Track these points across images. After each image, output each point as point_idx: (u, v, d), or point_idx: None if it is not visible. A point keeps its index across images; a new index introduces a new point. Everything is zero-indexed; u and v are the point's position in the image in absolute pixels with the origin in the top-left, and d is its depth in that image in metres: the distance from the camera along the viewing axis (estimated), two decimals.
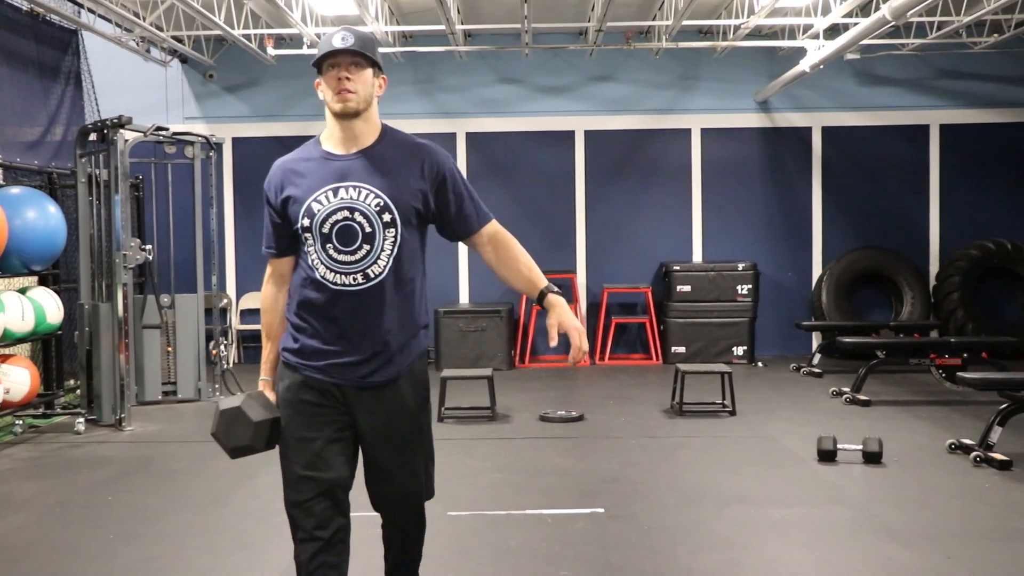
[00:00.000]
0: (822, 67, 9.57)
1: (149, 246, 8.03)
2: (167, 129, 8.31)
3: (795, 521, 4.91)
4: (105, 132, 7.64)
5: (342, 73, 2.81)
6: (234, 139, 11.08)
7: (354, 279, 2.83)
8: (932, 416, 7.55)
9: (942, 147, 11.24)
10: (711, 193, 11.26)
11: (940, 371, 8.66)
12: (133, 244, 7.66)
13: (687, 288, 10.68)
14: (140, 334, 8.26)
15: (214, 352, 8.69)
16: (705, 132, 11.26)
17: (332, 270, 2.83)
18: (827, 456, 6.08)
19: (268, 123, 11.07)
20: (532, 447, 6.70)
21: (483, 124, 11.25)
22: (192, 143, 8.54)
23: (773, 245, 11.25)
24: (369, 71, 2.86)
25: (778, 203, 11.30)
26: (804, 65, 9.57)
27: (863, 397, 8.11)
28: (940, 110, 11.24)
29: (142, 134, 7.86)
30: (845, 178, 11.25)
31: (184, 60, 11.01)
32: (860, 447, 6.09)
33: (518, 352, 10.66)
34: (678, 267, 10.77)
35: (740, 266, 10.71)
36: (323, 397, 2.88)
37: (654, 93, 11.27)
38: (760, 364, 10.54)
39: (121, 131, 7.56)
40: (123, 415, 7.44)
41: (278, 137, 10.57)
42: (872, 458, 6.02)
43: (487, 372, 7.96)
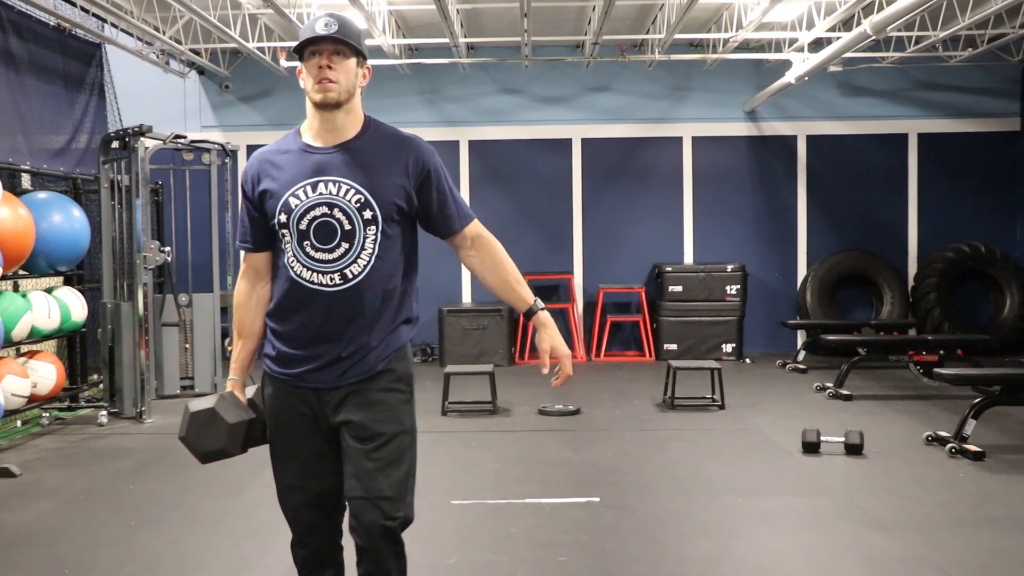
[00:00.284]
0: (807, 79, 9.59)
1: (168, 248, 8.04)
2: (185, 137, 8.31)
3: (781, 510, 4.92)
4: (127, 140, 7.65)
5: (323, 61, 2.55)
6: (248, 146, 11.06)
7: (331, 279, 2.57)
8: (910, 410, 7.55)
9: (920, 155, 11.24)
10: (701, 198, 11.27)
11: (918, 367, 8.67)
12: (153, 246, 7.66)
13: (679, 288, 10.69)
14: (159, 331, 8.27)
15: (229, 348, 8.67)
16: (696, 140, 11.27)
17: (309, 268, 2.57)
18: (811, 448, 6.09)
19: (281, 131, 10.84)
20: (531, 439, 6.71)
21: (485, 132, 11.25)
22: (209, 150, 8.54)
23: (760, 247, 11.26)
24: (353, 60, 2.59)
25: (765, 208, 11.30)
26: (789, 77, 9.58)
27: (845, 392, 8.12)
28: (918, 120, 11.25)
29: (161, 142, 7.87)
30: (828, 184, 11.26)
31: (201, 72, 11.01)
32: (842, 439, 6.10)
33: (518, 349, 10.66)
34: (670, 268, 10.78)
35: (729, 267, 10.72)
36: (306, 405, 2.64)
37: (647, 103, 11.28)
38: (748, 360, 10.54)
39: (142, 139, 7.57)
40: (143, 408, 7.45)
41: None
42: (854, 450, 6.03)
43: (488, 368, 7.96)
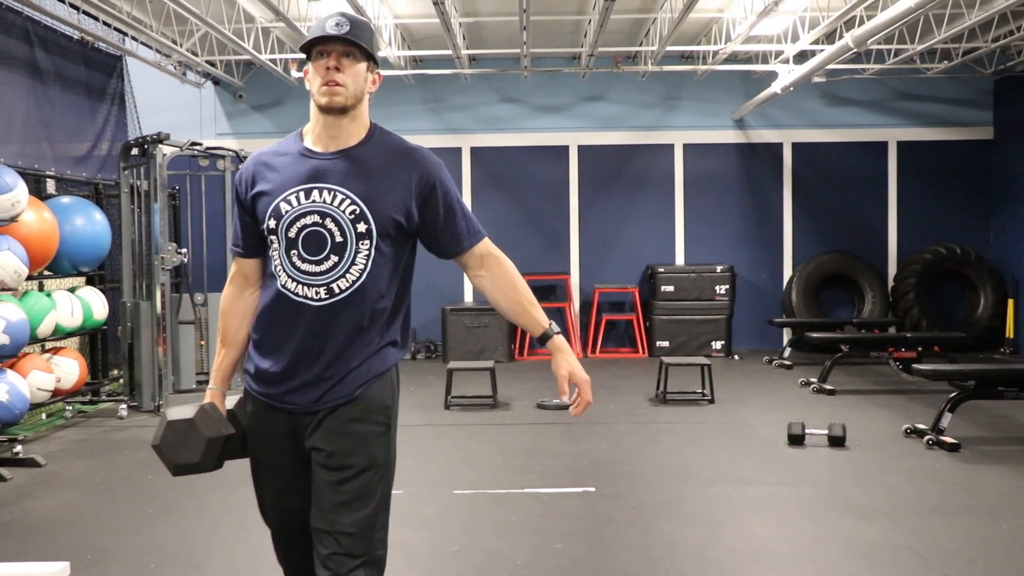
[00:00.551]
0: (792, 89, 9.59)
1: (184, 249, 8.03)
2: (201, 144, 8.30)
3: (767, 499, 4.92)
4: (145, 147, 7.65)
5: (331, 63, 2.28)
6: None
7: (316, 293, 2.29)
8: (890, 404, 7.56)
9: (899, 161, 11.24)
10: (692, 202, 11.26)
11: (897, 363, 8.68)
12: (170, 248, 7.66)
13: (670, 288, 10.68)
14: (176, 329, 8.26)
15: None
16: (687, 147, 11.26)
17: (294, 280, 2.31)
18: (796, 440, 6.09)
19: None
20: (530, 432, 6.71)
21: (486, 140, 11.24)
22: (223, 157, 8.54)
23: (748, 249, 11.25)
24: (363, 65, 2.32)
25: (753, 211, 11.30)
26: (776, 87, 9.58)
27: (829, 387, 8.12)
28: (897, 128, 11.24)
29: (179, 149, 7.87)
30: (813, 189, 11.25)
31: (216, 82, 11.01)
32: (826, 432, 6.10)
33: (517, 346, 10.65)
34: (662, 269, 10.76)
35: (718, 268, 10.71)
36: (284, 427, 2.38)
37: (641, 112, 11.27)
38: (736, 357, 10.54)
39: (160, 146, 7.57)
40: (161, 402, 7.45)
41: None
42: (836, 442, 6.03)
43: (489, 364, 7.96)
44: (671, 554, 4.08)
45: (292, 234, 2.30)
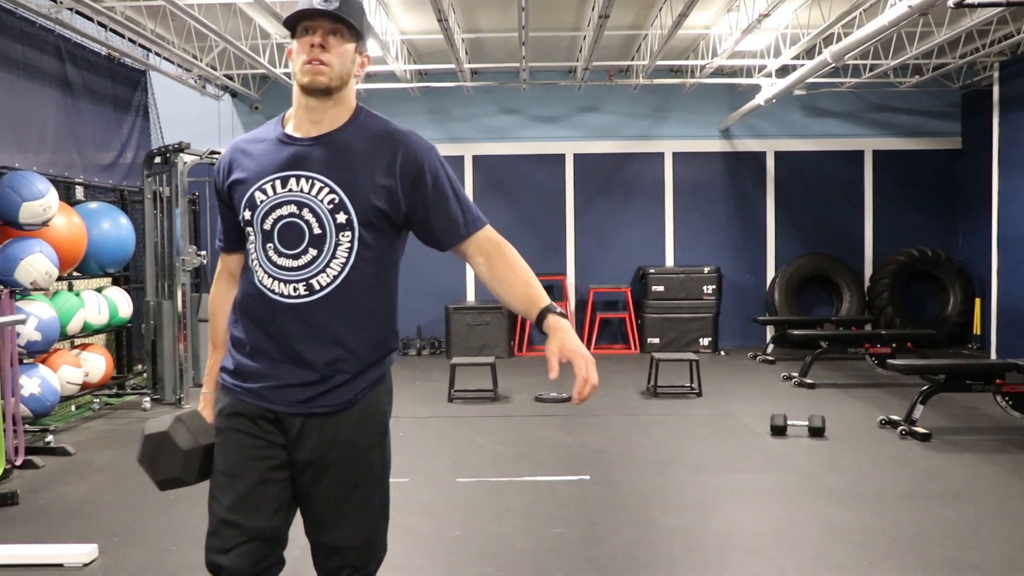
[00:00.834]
0: (774, 101, 9.60)
1: (204, 252, 8.05)
2: (219, 153, 8.30)
3: (751, 485, 4.93)
4: (167, 156, 7.65)
5: (316, 40, 1.97)
6: None
7: (295, 289, 1.99)
8: (866, 396, 7.57)
9: (874, 169, 11.25)
10: (681, 207, 11.27)
11: (873, 358, 8.69)
12: (190, 250, 7.67)
13: (661, 288, 10.69)
14: (196, 327, 8.26)
15: None
16: (676, 155, 11.26)
17: (271, 276, 2.00)
18: (778, 431, 6.09)
19: None
20: (529, 424, 6.72)
21: (487, 148, 11.25)
22: None
23: (734, 251, 11.26)
24: (351, 45, 2.01)
25: (738, 216, 11.31)
26: (759, 99, 9.59)
27: (809, 381, 8.12)
28: (873, 138, 11.25)
29: (198, 157, 7.87)
30: (794, 195, 11.26)
31: (234, 94, 11.02)
32: (806, 423, 6.11)
33: (517, 342, 10.66)
34: (653, 270, 10.78)
35: (706, 269, 10.72)
36: (257, 427, 2.03)
37: (633, 122, 11.28)
38: (722, 353, 10.55)
39: (181, 155, 7.57)
40: (182, 395, 7.46)
41: None
42: (816, 432, 6.04)
43: (490, 360, 7.96)
44: (661, 537, 4.09)
45: (267, 226, 2.00)
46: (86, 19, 7.62)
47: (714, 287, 10.66)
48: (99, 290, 7.47)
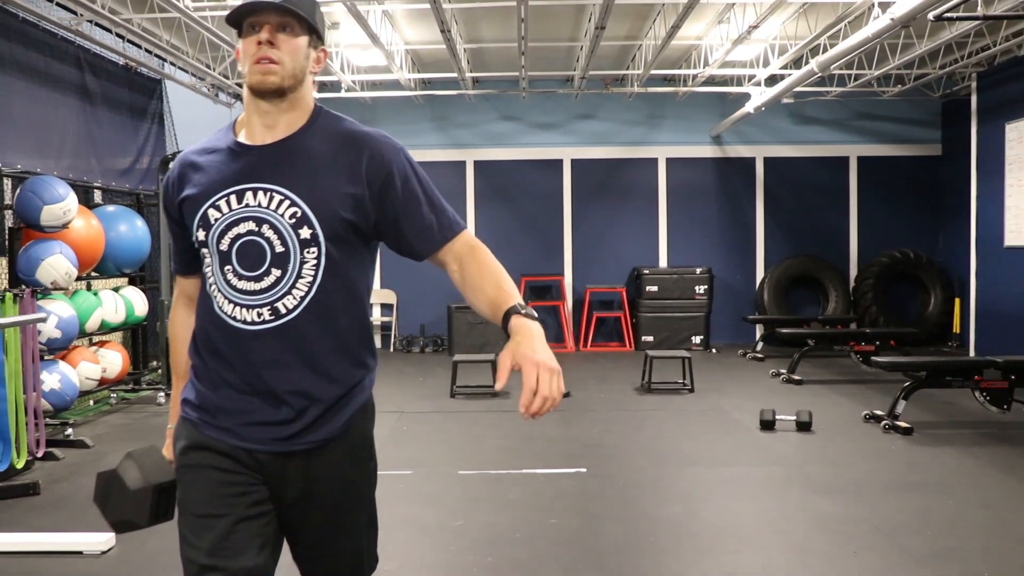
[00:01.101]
0: (763, 109, 9.60)
1: None
2: None
3: (741, 478, 4.94)
4: None
5: (264, 36, 1.70)
6: None
7: (259, 315, 1.70)
8: (851, 392, 7.57)
9: (859, 175, 11.26)
10: (674, 211, 11.28)
11: (858, 356, 8.69)
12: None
13: (655, 288, 10.69)
14: None
15: None
16: (669, 161, 11.27)
17: (231, 301, 1.72)
18: (767, 425, 6.09)
19: None
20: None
21: (488, 154, 11.25)
22: None
23: (724, 253, 11.26)
24: (303, 39, 1.74)
25: (728, 219, 11.31)
26: (749, 107, 9.59)
27: (797, 377, 8.12)
28: (857, 145, 11.25)
29: None
30: (782, 199, 11.27)
31: None
32: (794, 418, 6.11)
33: None
34: (647, 271, 10.78)
35: (698, 270, 10.72)
36: (230, 461, 1.74)
37: (628, 129, 11.28)
38: (714, 350, 10.55)
39: None
40: None
41: None
42: (803, 427, 6.03)
43: (491, 357, 7.97)
44: (655, 528, 4.09)
45: (224, 246, 1.72)
46: (105, 31, 7.63)
47: (706, 287, 10.66)
48: (116, 290, 7.46)
